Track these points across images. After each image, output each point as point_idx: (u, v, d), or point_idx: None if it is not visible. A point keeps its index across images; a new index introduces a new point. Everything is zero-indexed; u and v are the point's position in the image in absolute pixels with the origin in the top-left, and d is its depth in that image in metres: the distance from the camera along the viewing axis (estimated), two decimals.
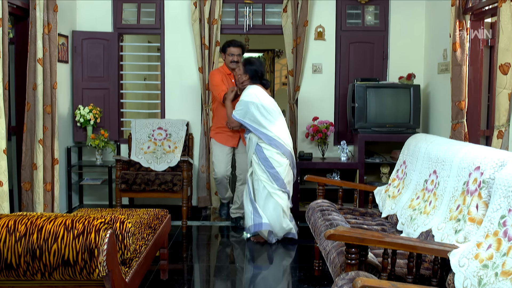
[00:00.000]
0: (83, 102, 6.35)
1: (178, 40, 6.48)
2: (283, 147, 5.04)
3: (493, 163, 2.72)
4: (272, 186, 5.03)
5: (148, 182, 5.65)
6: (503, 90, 3.87)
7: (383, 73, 6.49)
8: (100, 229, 2.52)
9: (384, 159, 6.02)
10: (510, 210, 2.32)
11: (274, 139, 5.01)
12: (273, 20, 6.65)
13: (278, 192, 5.04)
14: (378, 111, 5.76)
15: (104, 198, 6.47)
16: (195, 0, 6.20)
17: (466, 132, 4.71)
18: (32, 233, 2.50)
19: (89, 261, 2.48)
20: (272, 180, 5.02)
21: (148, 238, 3.66)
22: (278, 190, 5.04)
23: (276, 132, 5.03)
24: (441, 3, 5.66)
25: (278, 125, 5.09)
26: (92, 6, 6.46)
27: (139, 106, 7.57)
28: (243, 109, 5.05)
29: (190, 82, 6.52)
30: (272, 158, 5.00)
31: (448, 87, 4.98)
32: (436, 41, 5.89)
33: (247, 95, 5.06)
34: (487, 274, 2.25)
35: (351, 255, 2.64)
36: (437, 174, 3.43)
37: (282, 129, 5.11)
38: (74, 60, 6.34)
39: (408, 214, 3.58)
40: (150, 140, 6.12)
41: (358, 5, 6.48)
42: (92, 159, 6.50)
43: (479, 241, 2.44)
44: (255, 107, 5.01)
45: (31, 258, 2.49)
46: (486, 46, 4.84)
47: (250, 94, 5.06)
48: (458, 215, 2.92)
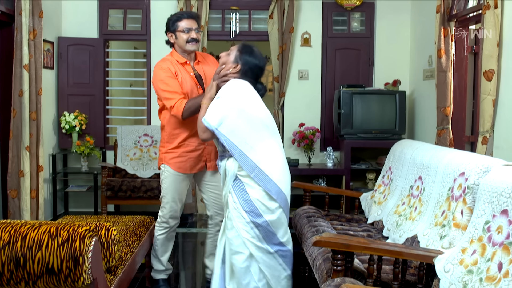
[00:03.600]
0: (69, 108, 6.31)
1: (165, 46, 6.34)
2: (273, 186, 3.06)
3: (478, 169, 2.74)
4: (259, 246, 3.07)
5: (134, 189, 5.62)
6: (487, 96, 3.90)
7: (369, 79, 6.52)
8: (85, 237, 2.50)
9: (370, 165, 6.03)
10: (494, 215, 2.33)
11: (259, 170, 3.04)
12: (259, 27, 6.66)
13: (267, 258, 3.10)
14: (364, 117, 5.78)
15: (89, 205, 6.42)
16: (182, 6, 6.20)
17: (451, 138, 4.75)
18: (16, 241, 2.47)
19: (73, 269, 2.46)
20: (260, 235, 3.07)
21: (134, 246, 3.64)
22: (268, 254, 3.10)
23: (265, 159, 3.08)
24: (426, 10, 5.70)
25: (271, 148, 3.15)
26: (78, 12, 6.43)
27: (125, 112, 7.54)
28: (221, 111, 3.07)
29: None
30: (258, 200, 3.04)
31: (433, 93, 5.01)
32: (422, 48, 5.94)
33: (229, 91, 3.14)
34: (472, 279, 2.26)
35: (337, 262, 2.64)
36: (422, 180, 3.44)
37: (275, 156, 3.14)
38: (60, 66, 6.30)
39: (393, 220, 3.60)
40: (136, 146, 6.10)
41: (344, 11, 6.51)
42: (77, 166, 6.46)
43: (464, 246, 2.45)
44: (238, 111, 3.09)
45: (14, 266, 2.46)
46: (471, 52, 4.88)
47: (233, 90, 3.15)
48: (443, 221, 2.93)
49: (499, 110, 3.90)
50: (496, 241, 2.26)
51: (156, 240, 4.02)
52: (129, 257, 3.43)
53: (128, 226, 3.88)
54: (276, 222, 3.07)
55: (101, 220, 4.06)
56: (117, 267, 3.16)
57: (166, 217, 3.93)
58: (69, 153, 6.35)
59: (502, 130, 3.86)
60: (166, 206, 3.91)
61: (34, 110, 5.10)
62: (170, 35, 3.87)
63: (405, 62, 6.44)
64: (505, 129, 3.82)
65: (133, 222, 4.02)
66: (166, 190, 3.90)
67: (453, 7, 4.83)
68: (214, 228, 4.07)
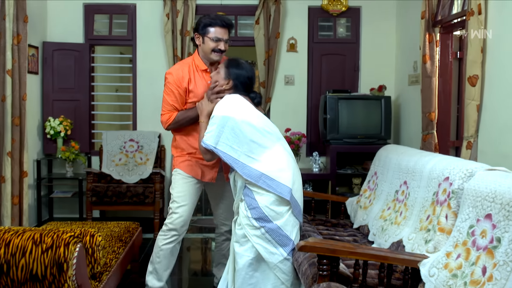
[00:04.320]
0: (54, 113, 6.26)
1: (151, 52, 6.45)
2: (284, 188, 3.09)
3: (462, 173, 2.76)
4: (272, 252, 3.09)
5: (120, 194, 5.59)
6: (471, 101, 3.93)
7: (354, 84, 6.55)
8: (69, 243, 2.48)
9: (356, 170, 6.05)
10: (478, 220, 2.35)
11: (266, 177, 3.09)
12: (245, 32, 6.67)
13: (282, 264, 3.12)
14: (349, 123, 5.80)
15: (74, 211, 6.37)
16: (168, 12, 6.19)
17: (436, 143, 4.78)
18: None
19: (58, 275, 2.44)
20: (273, 240, 3.09)
21: (119, 252, 3.62)
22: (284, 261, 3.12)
23: (270, 165, 3.12)
24: (411, 16, 5.75)
25: (276, 154, 3.19)
26: (63, 17, 6.40)
27: (111, 117, 7.50)
28: (216, 130, 3.14)
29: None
30: (266, 207, 3.07)
31: (419, 99, 5.05)
32: (407, 53, 5.97)
33: (222, 108, 3.19)
34: (457, 283, 2.27)
35: (323, 267, 2.64)
36: (407, 184, 3.46)
37: (281, 160, 3.18)
38: (45, 71, 6.26)
39: (379, 224, 3.61)
40: (121, 152, 6.07)
41: (330, 17, 6.54)
42: (62, 172, 6.41)
43: (449, 250, 2.46)
44: (234, 126, 3.14)
45: None
46: (455, 58, 4.92)
47: (227, 107, 3.21)
48: (428, 225, 2.95)
49: (483, 115, 3.93)
50: (480, 245, 2.27)
51: (160, 251, 3.66)
52: (114, 263, 3.41)
53: (114, 232, 3.86)
54: (287, 224, 3.11)
55: (86, 226, 4.04)
56: (102, 273, 3.14)
57: (175, 224, 3.63)
58: (54, 158, 6.30)
59: (486, 135, 3.89)
60: (177, 211, 3.64)
61: (17, 115, 5.06)
62: (197, 37, 3.67)
63: (391, 67, 6.48)
64: (489, 134, 3.85)
65: (119, 228, 4.01)
66: (178, 194, 3.68)
67: (438, 13, 4.87)
68: (220, 238, 4.05)
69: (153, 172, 5.81)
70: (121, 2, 6.46)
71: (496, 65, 3.80)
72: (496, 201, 2.28)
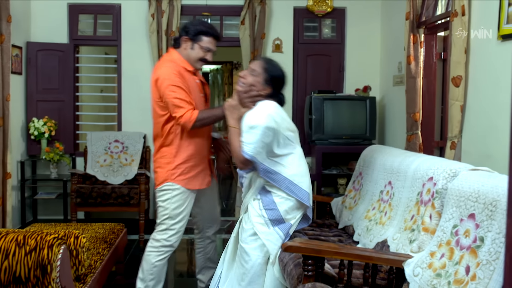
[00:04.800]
0: (38, 114, 6.21)
1: (136, 52, 6.42)
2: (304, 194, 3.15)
3: (446, 173, 2.78)
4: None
5: (104, 195, 5.57)
6: (455, 102, 3.96)
7: (339, 85, 6.57)
8: (53, 245, 2.46)
9: (341, 171, 6.07)
10: (462, 219, 2.37)
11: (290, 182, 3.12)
12: (231, 33, 6.67)
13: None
14: (335, 123, 5.81)
15: (59, 213, 6.32)
16: (153, 12, 6.17)
17: (420, 143, 4.80)
18: None
19: (41, 277, 2.42)
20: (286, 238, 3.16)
21: (104, 253, 3.60)
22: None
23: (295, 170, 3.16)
24: (396, 17, 5.78)
25: (298, 157, 3.23)
26: (47, 17, 6.35)
27: (95, 118, 7.46)
28: (259, 140, 3.02)
29: (148, 94, 6.34)
30: (284, 211, 3.12)
31: (403, 99, 5.07)
32: (391, 54, 6.01)
33: (264, 117, 3.05)
34: (441, 283, 2.29)
35: (308, 267, 2.65)
36: (392, 185, 3.48)
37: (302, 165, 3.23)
38: (29, 71, 6.21)
39: (364, 225, 3.62)
40: (106, 153, 6.03)
41: (315, 18, 6.55)
42: (46, 173, 6.36)
43: (433, 250, 2.48)
44: (273, 137, 3.06)
45: None
46: (439, 59, 4.95)
47: (268, 115, 3.07)
48: (412, 225, 2.96)
49: (467, 115, 3.96)
50: (464, 245, 2.29)
51: (153, 268, 3.49)
52: (99, 264, 3.39)
53: (98, 233, 3.84)
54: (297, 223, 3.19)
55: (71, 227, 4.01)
56: (87, 275, 3.12)
57: (171, 240, 3.51)
58: (38, 159, 6.25)
59: (470, 135, 3.92)
60: (174, 227, 3.50)
61: (1, 116, 5.01)
62: (186, 40, 3.51)
63: (376, 68, 6.51)
64: (473, 134, 3.88)
65: (103, 229, 3.99)
66: (175, 211, 3.48)
67: (422, 14, 4.90)
68: (205, 241, 3.93)
69: (138, 173, 5.79)
70: (105, 2, 6.43)
71: (480, 66, 3.83)
72: (479, 201, 2.30)
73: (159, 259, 3.49)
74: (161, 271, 3.54)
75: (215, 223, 3.86)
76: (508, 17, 3.37)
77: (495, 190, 2.25)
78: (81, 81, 6.85)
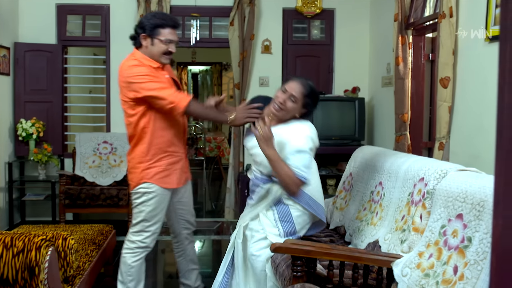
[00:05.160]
0: (26, 115, 6.17)
1: (125, 53, 6.25)
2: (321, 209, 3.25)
3: (436, 174, 2.79)
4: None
5: (93, 197, 5.54)
6: (443, 103, 3.98)
7: (328, 86, 6.59)
8: (41, 246, 2.45)
9: (331, 171, 6.08)
10: (450, 219, 2.38)
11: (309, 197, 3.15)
12: (220, 34, 6.67)
13: None
14: (324, 124, 5.82)
15: (47, 214, 6.29)
16: (142, 13, 6.15)
17: (409, 144, 4.83)
18: None
19: (29, 279, 2.41)
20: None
21: (92, 255, 3.58)
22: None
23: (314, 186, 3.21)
24: (384, 19, 5.80)
25: (316, 172, 3.33)
26: (35, 17, 6.32)
27: (84, 119, 7.43)
28: (309, 162, 3.07)
29: None
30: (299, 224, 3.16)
31: (392, 100, 5.09)
32: (380, 55, 6.03)
33: (305, 139, 3.09)
34: (429, 283, 2.30)
35: (297, 268, 2.65)
36: (383, 185, 3.48)
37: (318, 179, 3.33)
38: (16, 72, 6.17)
39: (355, 225, 3.63)
40: (95, 154, 6.01)
41: (304, 19, 6.57)
42: (34, 174, 6.32)
43: (421, 250, 2.49)
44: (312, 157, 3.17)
45: None
46: (428, 60, 4.98)
47: (307, 137, 3.11)
48: (403, 226, 2.98)
49: (454, 116, 3.99)
50: (452, 245, 2.30)
51: (130, 269, 3.40)
52: (87, 266, 3.38)
53: (87, 235, 3.82)
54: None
55: (59, 229, 3.99)
56: (75, 277, 3.11)
57: (146, 242, 3.41)
58: (26, 161, 6.22)
59: (457, 136, 3.95)
60: (149, 229, 3.39)
61: None
62: (144, 38, 3.33)
63: (364, 69, 6.54)
64: (461, 135, 3.91)
65: (92, 230, 3.97)
66: (151, 213, 3.36)
67: (410, 15, 4.93)
68: (184, 243, 3.78)
69: (127, 174, 5.76)
70: (94, 3, 6.41)
71: (467, 67, 3.85)
72: (467, 201, 2.31)
73: (135, 260, 3.40)
74: (139, 271, 3.46)
75: (190, 224, 3.76)
76: (495, 19, 3.40)
77: (482, 190, 2.26)
78: (70, 82, 6.82)
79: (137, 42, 3.40)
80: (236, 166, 6.47)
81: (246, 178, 5.84)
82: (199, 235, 6.02)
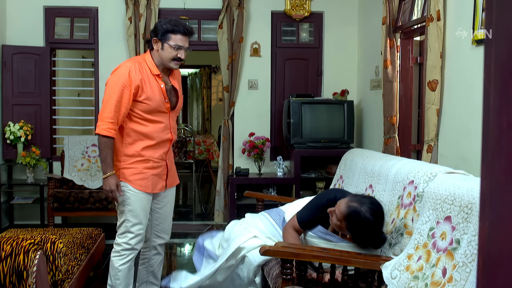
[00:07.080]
0: (13, 118, 6.14)
1: (113, 56, 6.38)
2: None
3: (426, 176, 2.81)
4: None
5: (82, 200, 5.51)
6: (431, 106, 4.01)
7: (317, 89, 6.61)
8: (29, 250, 2.43)
9: (320, 174, 6.09)
10: (438, 222, 2.40)
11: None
12: (208, 36, 6.66)
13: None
14: (313, 127, 5.84)
15: (36, 218, 6.25)
16: (130, 15, 6.14)
17: (398, 146, 4.85)
18: None
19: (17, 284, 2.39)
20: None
21: (81, 258, 3.57)
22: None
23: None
24: (373, 22, 5.83)
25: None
26: (23, 19, 6.28)
27: (73, 122, 7.40)
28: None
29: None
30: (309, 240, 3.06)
31: (380, 103, 5.12)
32: (368, 58, 6.06)
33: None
34: (418, 285, 2.31)
35: (287, 270, 2.66)
36: (373, 188, 3.50)
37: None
38: (4, 75, 6.13)
39: None
40: (83, 157, 5.98)
41: (293, 22, 6.58)
42: (23, 178, 6.28)
43: (410, 252, 2.50)
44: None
45: None
46: (416, 63, 5.00)
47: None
48: (392, 228, 2.99)
49: (442, 119, 4.01)
50: (440, 247, 2.32)
51: (118, 272, 3.37)
52: (76, 270, 3.36)
53: (76, 238, 3.81)
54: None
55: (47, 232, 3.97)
56: (64, 281, 3.09)
57: (131, 244, 3.36)
58: (14, 164, 6.18)
59: (445, 139, 3.97)
60: (132, 230, 3.35)
61: None
62: (155, 42, 3.39)
63: (353, 72, 6.56)
64: (449, 138, 3.93)
65: (81, 234, 3.95)
66: (131, 213, 3.34)
67: (398, 19, 4.96)
68: (151, 252, 3.67)
69: None
70: (82, 6, 6.38)
71: (455, 70, 3.88)
72: (455, 204, 2.33)
73: (122, 263, 3.37)
74: (127, 275, 3.42)
75: (165, 234, 3.66)
76: (482, 22, 3.43)
77: (470, 193, 2.28)
78: (58, 85, 6.79)
79: (150, 45, 3.45)
80: (226, 169, 6.46)
81: (235, 180, 5.85)
82: (188, 238, 6.02)
